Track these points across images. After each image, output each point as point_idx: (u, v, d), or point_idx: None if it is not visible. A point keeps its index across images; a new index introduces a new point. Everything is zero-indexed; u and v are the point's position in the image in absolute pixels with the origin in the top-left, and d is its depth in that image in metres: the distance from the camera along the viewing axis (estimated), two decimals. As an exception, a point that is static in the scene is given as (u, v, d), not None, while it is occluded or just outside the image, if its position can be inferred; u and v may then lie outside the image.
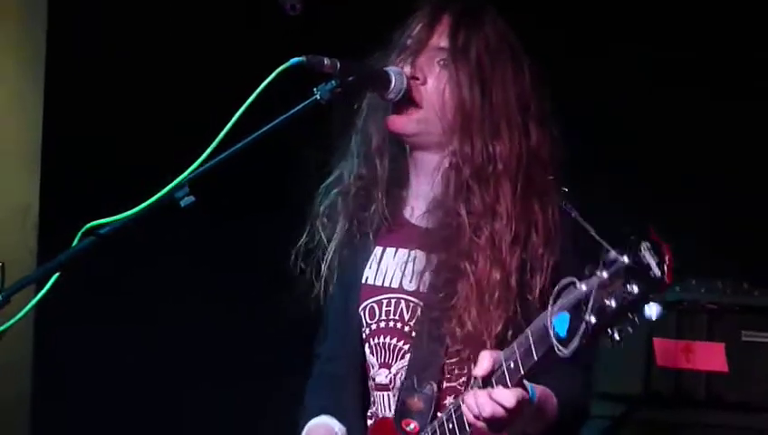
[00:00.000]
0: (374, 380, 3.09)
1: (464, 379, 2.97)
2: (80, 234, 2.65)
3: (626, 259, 2.37)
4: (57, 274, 2.64)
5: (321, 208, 3.18)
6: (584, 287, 2.43)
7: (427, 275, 3.00)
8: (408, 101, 3.01)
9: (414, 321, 3.02)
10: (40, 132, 5.15)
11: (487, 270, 2.92)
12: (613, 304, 2.37)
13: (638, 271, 2.35)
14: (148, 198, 2.68)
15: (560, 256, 2.92)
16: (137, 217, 2.66)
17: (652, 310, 2.36)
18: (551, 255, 2.92)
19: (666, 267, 2.34)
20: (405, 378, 3.00)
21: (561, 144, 3.04)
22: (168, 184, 2.69)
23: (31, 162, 5.15)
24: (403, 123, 3.03)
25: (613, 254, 2.39)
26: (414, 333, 3.02)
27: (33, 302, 2.65)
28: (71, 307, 4.33)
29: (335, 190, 3.18)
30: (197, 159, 2.69)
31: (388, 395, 3.06)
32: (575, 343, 2.45)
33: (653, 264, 2.34)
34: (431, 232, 3.02)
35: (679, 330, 4.69)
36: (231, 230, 5.30)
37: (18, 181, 5.18)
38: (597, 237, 2.51)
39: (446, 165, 3.03)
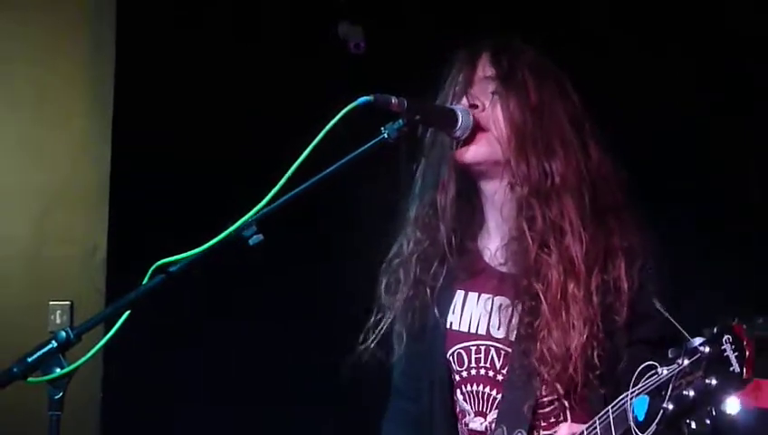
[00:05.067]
0: (467, 425, 3.09)
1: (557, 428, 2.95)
2: (150, 272, 2.66)
3: (707, 350, 2.37)
4: (128, 312, 2.66)
5: (384, 284, 3.21)
6: (665, 372, 2.44)
7: (514, 319, 2.99)
8: (472, 134, 3.03)
9: (506, 368, 3.02)
10: (108, 172, 5.19)
11: (561, 285, 2.92)
12: (692, 393, 2.38)
13: (717, 364, 2.35)
14: (214, 237, 2.69)
15: (640, 277, 2.92)
16: (205, 255, 2.67)
17: (733, 406, 2.36)
18: (633, 274, 2.92)
19: (746, 364, 2.33)
20: (495, 427, 3.00)
21: (621, 164, 3.05)
22: (234, 223, 2.70)
23: (99, 202, 5.19)
24: (472, 152, 3.04)
25: (694, 343, 2.40)
26: (505, 381, 3.01)
27: (105, 340, 2.67)
28: (139, 346, 4.35)
29: (396, 261, 3.21)
30: (264, 197, 2.70)
31: None
32: (652, 428, 2.46)
33: (733, 358, 2.34)
34: (510, 276, 3.03)
35: (748, 368, 4.63)
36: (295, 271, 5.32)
37: (86, 221, 5.22)
38: (678, 326, 2.50)
39: (508, 188, 3.04)
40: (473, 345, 3.07)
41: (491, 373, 3.04)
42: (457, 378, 3.09)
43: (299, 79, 5.38)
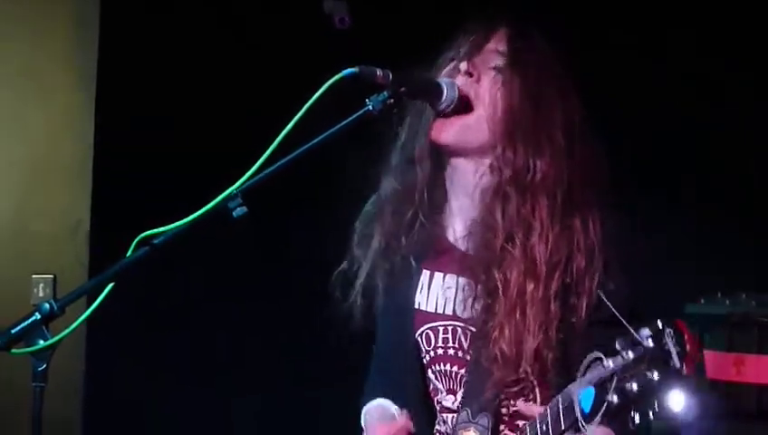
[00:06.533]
0: (440, 403, 3.09)
1: (514, 409, 2.95)
2: (134, 244, 2.65)
3: (650, 344, 2.38)
4: (111, 284, 2.65)
5: (358, 234, 3.19)
6: (611, 365, 2.45)
7: (476, 302, 2.98)
8: (456, 108, 3.01)
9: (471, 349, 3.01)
10: (91, 145, 5.19)
11: (521, 283, 2.89)
12: (634, 387, 2.39)
13: (660, 358, 2.37)
14: (197, 211, 2.68)
15: (603, 271, 2.89)
16: (189, 227, 2.67)
17: (675, 400, 2.37)
18: (594, 272, 2.89)
19: (685, 359, 2.35)
20: (459, 410, 2.99)
21: (606, 164, 3.02)
22: (218, 196, 2.69)
23: (82, 175, 5.19)
24: (446, 132, 3.01)
25: (639, 336, 2.40)
26: (469, 363, 3.00)
27: (88, 312, 2.65)
28: (122, 318, 4.36)
29: (371, 212, 3.19)
30: (248, 170, 2.70)
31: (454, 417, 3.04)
32: (597, 420, 2.47)
33: (674, 353, 2.35)
34: (473, 257, 3.00)
35: (730, 343, 4.67)
36: (274, 235, 5.32)
37: (70, 194, 5.22)
38: (623, 321, 2.49)
39: (487, 171, 3.01)
40: (440, 325, 3.06)
41: (459, 353, 3.03)
42: (427, 357, 3.09)
43: (284, 55, 5.37)
